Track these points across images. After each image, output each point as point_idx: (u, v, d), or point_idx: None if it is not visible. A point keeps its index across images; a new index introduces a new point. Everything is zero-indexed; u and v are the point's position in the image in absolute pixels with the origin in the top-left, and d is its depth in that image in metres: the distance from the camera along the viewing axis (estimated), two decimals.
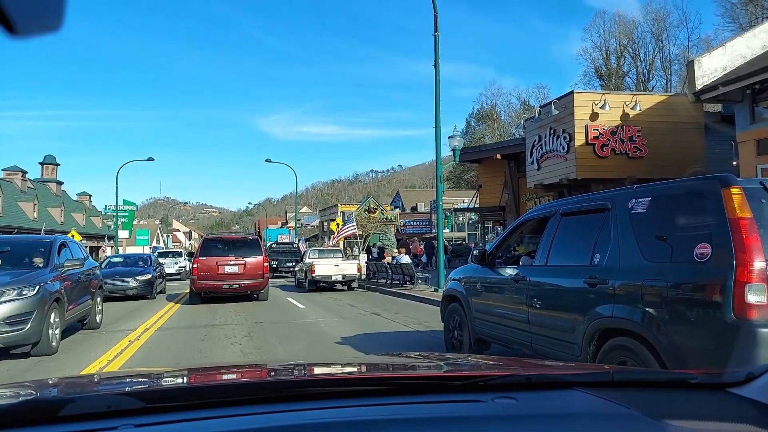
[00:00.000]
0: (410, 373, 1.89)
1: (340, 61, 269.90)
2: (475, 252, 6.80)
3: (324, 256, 20.35)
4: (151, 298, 16.30)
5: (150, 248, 49.08)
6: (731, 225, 3.38)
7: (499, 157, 22.30)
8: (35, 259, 8.16)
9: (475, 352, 6.26)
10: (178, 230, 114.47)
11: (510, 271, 5.80)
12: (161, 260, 28.33)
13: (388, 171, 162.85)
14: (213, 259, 14.75)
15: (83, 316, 9.57)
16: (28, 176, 46.29)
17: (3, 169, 43.16)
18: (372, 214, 33.60)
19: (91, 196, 61.40)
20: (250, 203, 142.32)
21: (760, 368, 1.39)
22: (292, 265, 25.65)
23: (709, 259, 3.47)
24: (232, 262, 14.80)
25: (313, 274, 18.01)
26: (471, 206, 28.87)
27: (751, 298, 3.25)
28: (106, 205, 43.93)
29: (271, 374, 2.02)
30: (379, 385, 1.52)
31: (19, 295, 7.12)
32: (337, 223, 28.01)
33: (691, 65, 13.08)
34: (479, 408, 1.33)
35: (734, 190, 3.47)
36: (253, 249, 15.32)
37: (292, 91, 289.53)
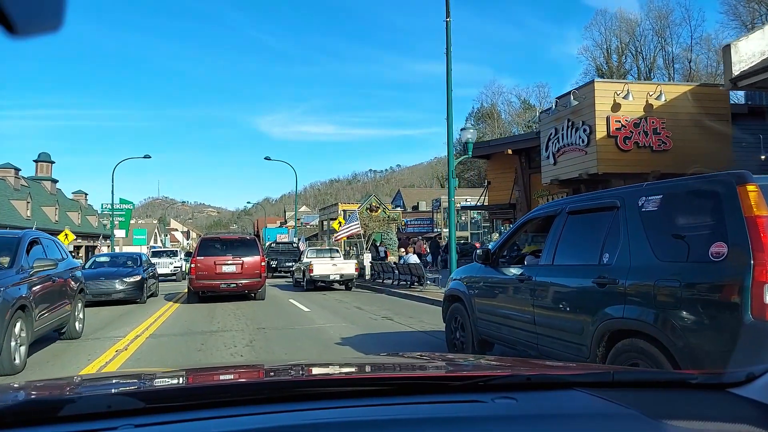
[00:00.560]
0: (410, 373, 1.88)
1: (339, 61, 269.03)
2: (478, 251, 6.65)
3: (322, 256, 20.76)
4: (141, 303, 14.93)
5: (147, 248, 47.99)
6: (748, 223, 3.30)
7: (510, 152, 21.28)
8: None
9: (478, 353, 6.12)
10: (176, 230, 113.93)
11: (514, 271, 5.67)
12: (155, 260, 27.26)
13: (386, 171, 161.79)
14: (211, 259, 14.80)
15: (60, 325, 8.42)
16: (22, 174, 45.25)
17: None
18: (374, 213, 32.88)
19: (87, 194, 60.28)
20: (248, 202, 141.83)
21: (761, 368, 1.35)
22: (292, 264, 25.11)
23: (725, 259, 3.38)
24: (229, 262, 14.87)
25: (311, 274, 18.22)
26: (479, 204, 27.74)
27: None
28: (102, 204, 43.19)
29: (270, 374, 1.99)
30: (379, 385, 1.49)
31: None
32: (340, 222, 27.12)
33: (728, 50, 12.07)
34: (479, 408, 1.31)
35: (750, 188, 3.38)
36: (251, 249, 15.41)
37: (291, 91, 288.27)
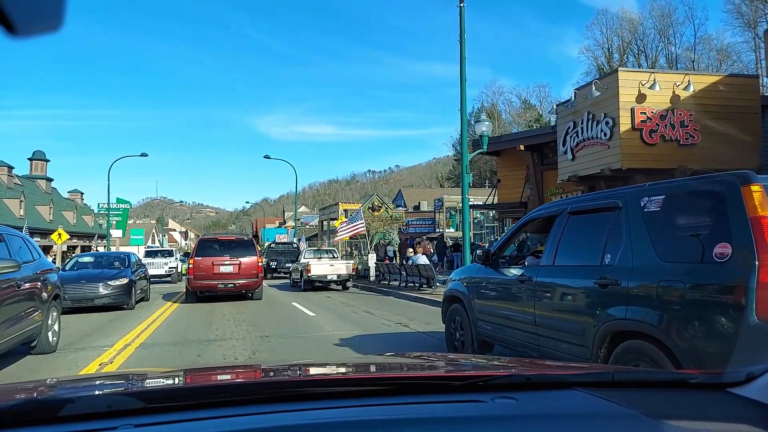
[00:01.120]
0: (410, 373, 1.87)
1: (338, 62, 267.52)
2: (478, 251, 6.55)
3: (319, 256, 21.09)
4: (129, 309, 13.41)
5: (145, 248, 46.94)
6: (752, 224, 3.27)
7: (522, 148, 20.38)
8: None
9: (478, 354, 6.00)
10: (175, 230, 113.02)
11: (515, 271, 5.62)
12: (149, 260, 25.99)
13: (385, 171, 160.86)
14: (209, 259, 14.99)
15: (28, 338, 7.14)
16: (16, 172, 44.22)
17: None
18: (376, 213, 31.98)
19: (83, 194, 59.28)
20: (247, 202, 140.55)
21: (760, 368, 1.34)
22: (292, 265, 24.05)
23: (729, 260, 3.35)
24: (227, 262, 15.07)
25: (309, 274, 18.39)
26: (488, 203, 26.73)
27: None
28: (99, 204, 42.20)
29: (270, 374, 1.97)
30: (379, 385, 1.48)
31: None
32: (342, 221, 26.17)
33: None
34: (479, 408, 1.30)
35: (755, 188, 3.35)
36: (248, 249, 15.62)
37: (290, 91, 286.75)
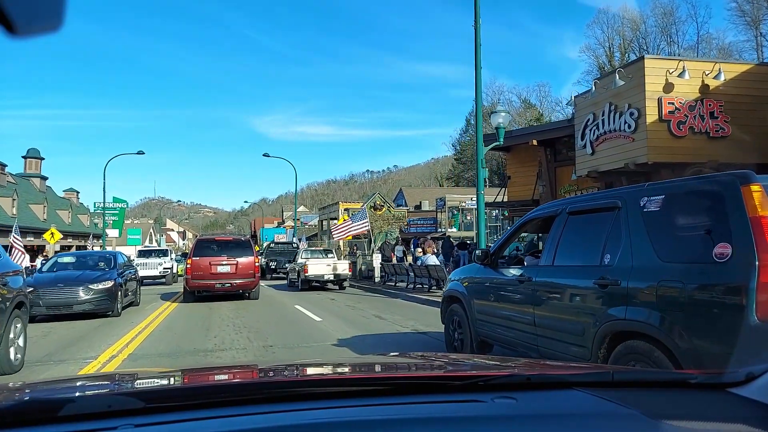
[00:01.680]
0: (410, 373, 1.87)
1: (337, 62, 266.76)
2: (477, 252, 6.54)
3: (316, 256, 21.29)
4: (114, 316, 11.81)
5: (137, 248, 45.98)
6: (752, 224, 3.24)
7: (534, 143, 19.43)
8: None
9: (478, 354, 6.02)
10: (172, 230, 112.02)
11: (514, 272, 5.62)
12: (142, 260, 24.83)
13: (384, 171, 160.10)
14: (206, 259, 15.16)
15: None
16: (10, 170, 43.19)
17: None
18: (378, 212, 31.06)
19: (78, 192, 58.38)
20: (245, 202, 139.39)
21: (760, 368, 1.35)
22: None
23: (729, 260, 3.32)
24: (224, 262, 15.23)
25: (306, 273, 18.51)
26: (498, 201, 25.79)
27: None
28: (95, 203, 41.29)
29: (270, 374, 1.97)
30: (378, 385, 1.48)
31: None
32: (344, 219, 25.19)
33: None
34: (479, 408, 1.30)
35: (754, 188, 3.33)
36: (245, 249, 15.80)
37: (289, 92, 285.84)
